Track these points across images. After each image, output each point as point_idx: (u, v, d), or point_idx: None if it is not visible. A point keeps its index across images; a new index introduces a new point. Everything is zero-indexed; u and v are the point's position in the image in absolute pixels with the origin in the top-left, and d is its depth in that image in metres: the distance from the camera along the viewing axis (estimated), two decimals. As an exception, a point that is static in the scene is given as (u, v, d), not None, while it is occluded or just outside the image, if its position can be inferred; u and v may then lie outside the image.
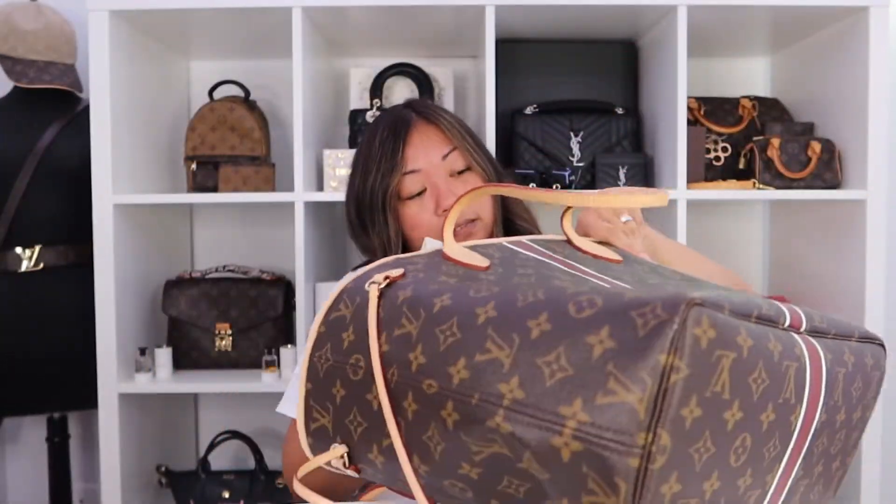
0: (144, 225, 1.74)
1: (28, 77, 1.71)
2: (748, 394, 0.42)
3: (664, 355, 0.39)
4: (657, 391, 0.38)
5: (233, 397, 2.01)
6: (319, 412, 0.57)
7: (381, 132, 1.04)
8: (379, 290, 0.53)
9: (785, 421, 0.46)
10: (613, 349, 0.40)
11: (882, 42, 1.55)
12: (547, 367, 0.42)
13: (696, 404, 0.39)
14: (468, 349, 0.46)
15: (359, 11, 1.59)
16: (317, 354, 0.57)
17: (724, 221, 2.03)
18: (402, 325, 0.51)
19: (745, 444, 0.44)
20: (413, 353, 0.49)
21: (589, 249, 0.65)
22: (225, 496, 1.76)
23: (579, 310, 0.43)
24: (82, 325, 1.68)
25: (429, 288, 0.52)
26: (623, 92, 1.83)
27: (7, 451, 2.10)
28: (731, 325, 0.41)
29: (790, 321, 0.48)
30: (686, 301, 0.39)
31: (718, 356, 0.40)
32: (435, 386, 0.48)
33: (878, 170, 1.57)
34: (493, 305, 0.47)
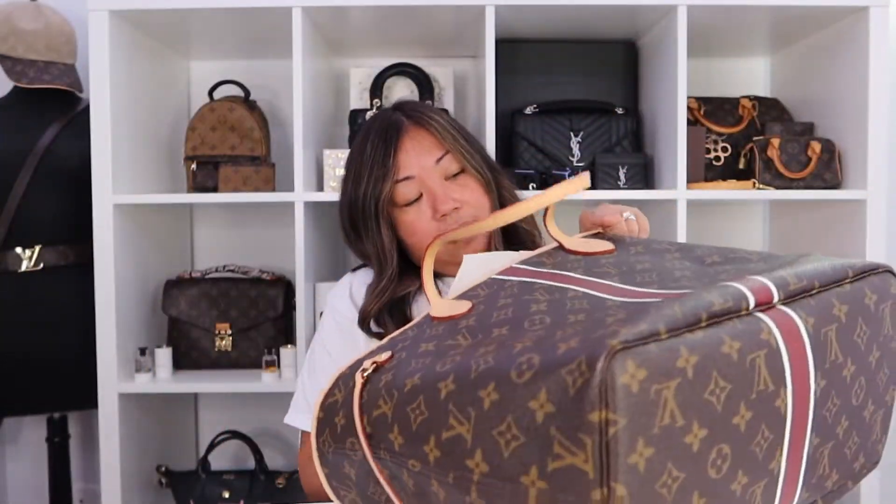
0: (144, 225, 1.74)
1: (28, 77, 1.71)
2: (707, 409, 0.42)
3: (596, 412, 0.38)
4: (599, 448, 0.38)
5: (233, 397, 2.01)
6: (345, 490, 0.60)
7: (372, 138, 1.02)
8: (364, 377, 0.55)
9: (768, 409, 0.45)
10: (552, 413, 0.40)
11: (882, 42, 1.55)
12: (502, 438, 0.43)
13: (645, 445, 0.39)
14: (435, 427, 0.47)
15: (359, 11, 1.59)
16: (321, 440, 0.59)
17: (724, 221, 2.03)
18: (378, 406, 0.52)
19: (722, 454, 0.43)
20: (392, 433, 0.51)
21: (580, 248, 0.66)
22: (225, 496, 1.76)
23: (519, 374, 0.43)
24: (82, 325, 1.68)
25: (406, 369, 0.53)
26: (623, 92, 1.83)
27: (7, 451, 2.10)
28: (667, 353, 0.40)
29: (755, 301, 0.46)
30: (606, 350, 0.39)
31: (657, 391, 0.39)
32: (417, 465, 0.49)
33: (878, 170, 1.57)
34: (453, 378, 0.47)
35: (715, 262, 0.58)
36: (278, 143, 1.91)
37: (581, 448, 0.39)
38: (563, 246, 0.67)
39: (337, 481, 0.60)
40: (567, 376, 0.40)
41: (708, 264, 0.58)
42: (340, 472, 0.58)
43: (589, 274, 0.59)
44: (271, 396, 1.86)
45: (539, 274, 0.61)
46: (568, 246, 0.67)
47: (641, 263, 0.60)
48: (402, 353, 0.56)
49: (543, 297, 0.55)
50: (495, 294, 0.59)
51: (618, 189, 1.65)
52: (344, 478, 0.58)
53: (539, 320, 0.50)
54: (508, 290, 0.59)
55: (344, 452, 0.56)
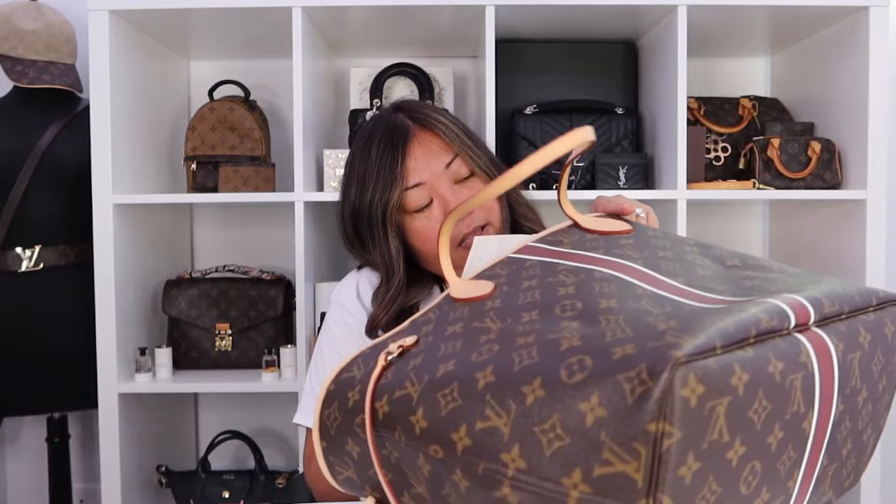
0: (144, 225, 1.74)
1: (28, 77, 1.71)
2: (750, 427, 0.42)
3: (654, 423, 0.38)
4: (652, 459, 0.38)
5: (233, 397, 2.01)
6: (341, 466, 0.58)
7: (377, 143, 0.99)
8: (388, 359, 0.54)
9: (797, 430, 0.46)
10: (605, 417, 0.40)
11: (882, 42, 1.55)
12: (544, 436, 0.42)
13: (694, 459, 0.39)
14: (469, 416, 0.46)
15: (359, 11, 1.59)
16: (326, 412, 0.58)
17: (724, 221, 2.03)
18: (404, 387, 0.51)
19: (754, 471, 0.43)
20: (414, 416, 0.50)
21: (597, 227, 0.64)
22: (225, 496, 1.76)
23: (570, 375, 0.42)
24: (82, 325, 1.68)
25: (436, 353, 0.52)
26: (623, 92, 1.83)
27: (7, 451, 2.10)
28: (724, 370, 0.40)
29: (795, 321, 0.46)
30: (671, 361, 0.38)
31: (712, 406, 0.39)
32: (441, 452, 0.48)
33: (878, 170, 1.57)
34: (492, 370, 0.47)
35: (736, 266, 0.58)
36: (278, 143, 1.91)
37: (634, 457, 0.39)
38: (579, 224, 0.65)
39: (335, 456, 0.58)
40: (625, 383, 0.40)
41: (728, 266, 0.57)
42: (341, 449, 0.57)
43: (610, 254, 0.58)
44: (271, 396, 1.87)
45: (558, 254, 0.60)
46: (583, 224, 0.65)
47: (663, 250, 0.59)
48: (427, 337, 0.55)
49: (569, 278, 0.54)
50: (516, 274, 0.58)
51: (618, 189, 1.65)
52: (344, 454, 0.57)
53: (570, 305, 0.49)
54: (530, 269, 0.58)
55: (351, 429, 0.55)
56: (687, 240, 0.63)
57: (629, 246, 0.60)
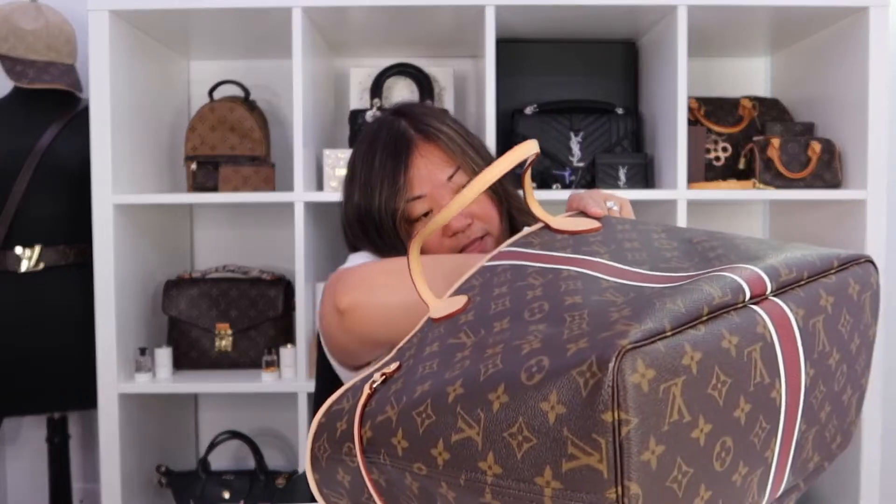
0: (144, 225, 1.74)
1: (28, 77, 1.71)
2: (711, 404, 0.42)
3: (609, 413, 0.39)
4: (613, 448, 0.39)
5: (233, 397, 2.01)
6: (336, 497, 0.60)
7: (381, 152, 1.00)
8: (373, 387, 0.56)
9: (765, 401, 0.46)
10: (564, 414, 0.41)
11: (882, 42, 1.55)
12: (514, 440, 0.43)
13: (657, 443, 0.40)
14: (443, 430, 0.47)
15: (359, 11, 1.59)
16: (316, 445, 0.59)
17: (724, 221, 2.04)
18: (384, 411, 0.53)
19: (725, 447, 0.44)
20: (395, 437, 0.51)
21: (566, 227, 0.66)
22: (225, 496, 1.76)
23: (529, 377, 0.43)
24: (82, 325, 1.68)
25: (414, 375, 0.53)
26: (623, 92, 1.83)
27: (7, 451, 2.10)
28: (673, 351, 0.41)
29: (751, 292, 0.47)
30: (616, 351, 0.39)
31: (665, 388, 0.40)
32: (424, 469, 0.49)
33: (878, 170, 1.57)
34: (461, 382, 0.48)
35: (702, 241, 0.59)
36: (278, 143, 1.91)
37: (595, 448, 0.39)
38: (549, 225, 0.67)
39: (328, 488, 0.60)
40: (578, 377, 0.40)
41: (695, 243, 0.59)
42: (333, 479, 0.58)
43: (578, 252, 0.59)
44: (271, 396, 1.87)
45: (528, 255, 0.61)
46: (554, 225, 0.66)
47: (630, 241, 0.60)
48: (409, 360, 0.57)
49: (537, 280, 0.55)
50: (489, 283, 0.59)
51: (618, 189, 1.65)
52: (336, 484, 0.59)
53: (538, 308, 0.50)
54: (501, 275, 0.59)
55: (339, 458, 0.57)
56: (654, 227, 0.64)
57: (597, 242, 0.61)
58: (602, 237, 0.62)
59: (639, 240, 0.60)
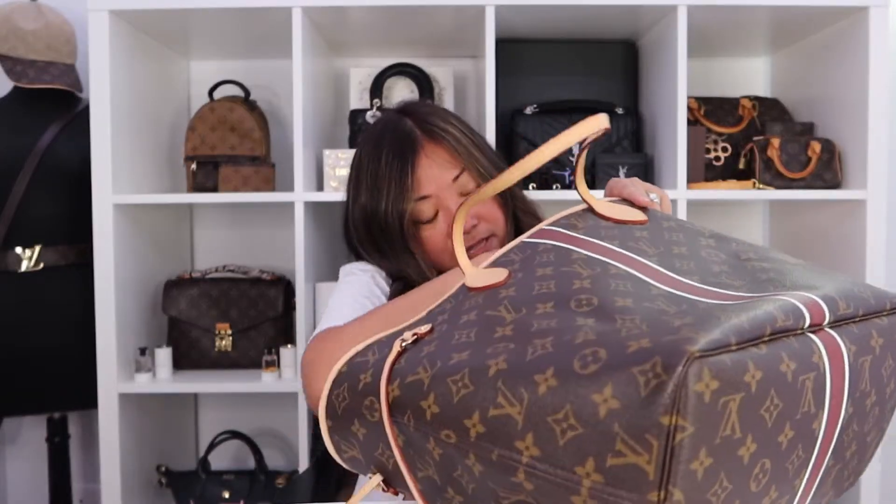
0: (144, 225, 1.74)
1: (28, 77, 1.71)
2: (761, 424, 0.42)
3: (667, 416, 0.38)
4: (664, 452, 0.39)
5: (233, 397, 2.01)
6: (347, 446, 0.59)
7: (386, 152, 0.99)
8: (403, 346, 0.55)
9: (806, 431, 0.46)
10: (618, 409, 0.40)
11: (882, 42, 1.55)
12: (558, 426, 0.42)
13: (707, 455, 0.39)
14: (481, 403, 0.46)
15: (359, 11, 1.59)
16: (334, 392, 0.58)
17: (724, 221, 2.03)
18: (416, 372, 0.52)
19: (764, 469, 0.43)
20: (425, 401, 0.50)
21: (612, 214, 0.64)
22: (225, 496, 1.76)
23: (584, 366, 0.43)
24: (82, 325, 1.68)
25: (449, 341, 0.53)
26: (623, 92, 1.83)
27: (7, 451, 2.10)
28: (738, 366, 0.40)
29: (810, 320, 0.46)
30: (686, 356, 0.39)
31: (725, 402, 0.40)
32: (454, 437, 0.48)
33: (878, 170, 1.57)
34: (504, 358, 0.47)
35: (751, 259, 0.58)
36: (278, 143, 1.91)
37: (646, 449, 0.39)
38: (593, 208, 0.64)
39: (340, 436, 0.59)
40: (639, 376, 0.40)
41: (744, 259, 0.57)
42: (347, 429, 0.58)
43: (626, 247, 0.57)
44: (271, 396, 1.87)
45: (573, 239, 0.59)
46: (598, 209, 0.64)
47: (678, 246, 0.59)
48: (442, 325, 0.55)
49: (584, 270, 0.54)
50: (530, 259, 0.58)
51: (618, 189, 1.65)
52: (349, 434, 0.58)
53: (586, 301, 0.49)
54: (543, 255, 0.58)
55: (359, 410, 0.56)
56: (702, 231, 0.63)
57: (644, 239, 0.59)
58: (649, 234, 0.61)
59: (686, 245, 0.59)
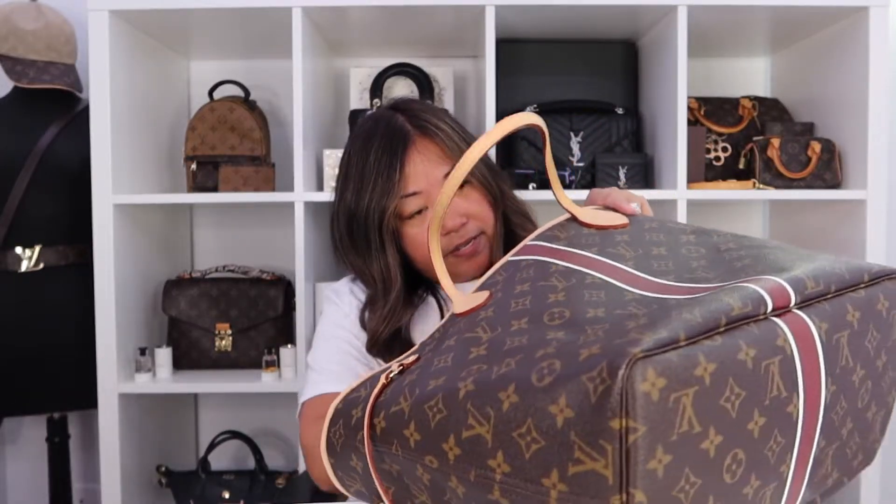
0: (144, 225, 1.74)
1: (28, 77, 1.71)
2: (723, 415, 0.42)
3: (617, 420, 0.39)
4: (619, 455, 0.39)
5: (233, 397, 2.01)
6: (350, 480, 0.61)
7: (378, 147, 0.96)
8: (389, 377, 0.56)
9: (781, 415, 0.46)
10: (572, 418, 0.41)
11: (882, 42, 1.55)
12: (522, 440, 0.43)
13: (664, 452, 0.40)
14: (455, 426, 0.48)
15: (359, 11, 1.59)
16: (332, 430, 0.60)
17: (724, 221, 2.03)
18: (398, 402, 0.53)
19: (737, 459, 0.44)
20: (407, 430, 0.51)
21: (595, 221, 0.64)
22: (225, 496, 1.76)
23: (540, 378, 0.43)
24: (82, 326, 1.68)
25: (429, 368, 0.54)
26: (623, 92, 1.83)
27: (7, 451, 2.10)
28: (686, 362, 0.40)
29: (773, 304, 0.47)
30: (628, 357, 0.39)
31: (676, 398, 0.40)
32: (435, 462, 0.49)
33: (878, 170, 1.57)
34: (472, 380, 0.48)
35: (730, 249, 0.58)
36: (278, 143, 1.91)
37: (601, 454, 0.39)
38: (576, 217, 0.65)
39: (342, 472, 0.60)
40: (588, 383, 0.40)
41: (723, 251, 0.58)
42: (347, 464, 0.59)
43: (604, 254, 0.58)
44: (271, 396, 1.87)
45: (554, 252, 0.60)
46: (581, 218, 0.65)
47: (657, 246, 0.59)
48: (428, 354, 0.57)
49: (560, 283, 0.54)
50: (511, 278, 0.59)
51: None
52: (350, 469, 0.59)
53: (559, 314, 0.50)
54: (524, 271, 0.59)
55: (353, 445, 0.57)
56: (684, 227, 0.63)
57: (623, 243, 0.60)
58: (629, 237, 0.61)
59: (666, 244, 0.60)
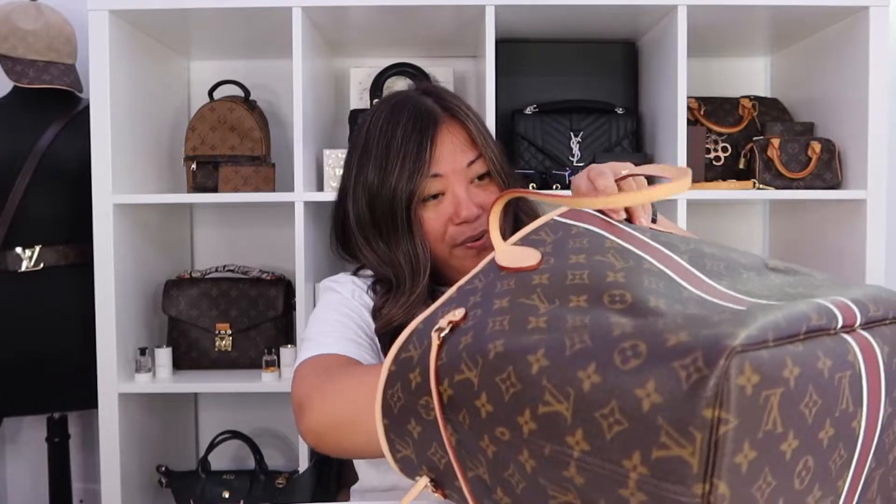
0: (144, 225, 1.74)
1: (28, 77, 1.71)
2: (802, 420, 0.42)
3: (710, 409, 0.39)
4: (708, 444, 0.39)
5: (233, 397, 2.01)
6: (401, 445, 0.59)
7: (406, 125, 0.92)
8: (441, 337, 0.55)
9: (847, 429, 0.46)
10: (661, 403, 0.41)
11: (882, 42, 1.55)
12: (604, 420, 0.43)
13: (750, 448, 0.40)
14: (531, 401, 0.47)
15: (359, 11, 1.59)
16: (389, 392, 0.59)
17: (724, 221, 2.03)
18: (461, 371, 0.52)
19: (807, 466, 0.44)
20: (479, 400, 0.50)
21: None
22: (225, 496, 1.75)
23: (624, 360, 0.43)
24: (82, 325, 1.68)
25: (485, 331, 0.53)
26: (623, 92, 1.83)
27: (7, 451, 2.10)
28: (777, 361, 0.41)
29: (843, 321, 0.47)
30: (727, 351, 0.39)
31: (766, 396, 0.40)
32: (507, 434, 0.49)
33: (878, 170, 1.57)
34: (544, 353, 0.47)
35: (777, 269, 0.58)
36: (278, 143, 1.91)
37: (690, 441, 0.39)
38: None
39: (395, 434, 0.59)
40: (680, 370, 0.40)
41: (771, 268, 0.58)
42: (403, 427, 0.58)
43: (657, 240, 0.57)
44: (271, 396, 1.87)
45: (609, 226, 0.59)
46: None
47: (708, 245, 0.59)
48: (475, 310, 0.55)
49: (618, 262, 0.54)
50: (563, 243, 0.57)
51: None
52: (404, 434, 0.58)
53: (619, 297, 0.49)
54: (577, 240, 0.57)
55: (415, 409, 0.56)
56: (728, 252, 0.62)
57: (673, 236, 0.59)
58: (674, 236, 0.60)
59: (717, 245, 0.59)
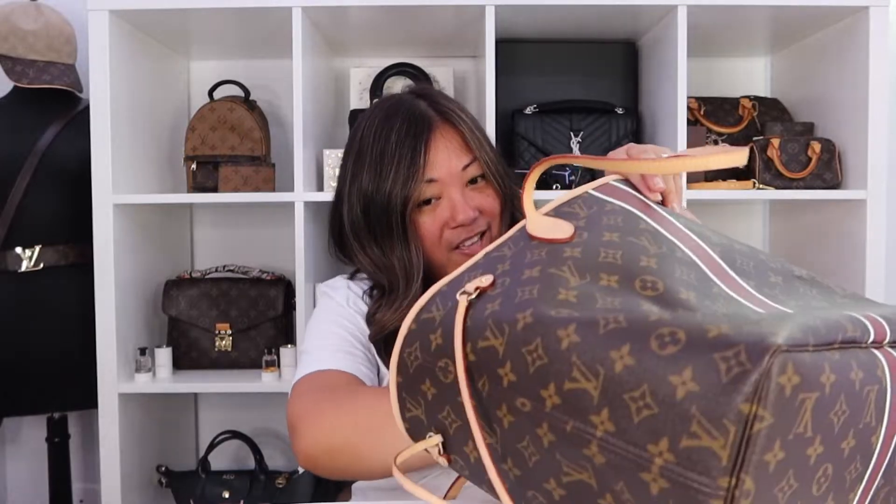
0: (144, 225, 1.74)
1: (28, 77, 1.71)
2: (829, 428, 0.43)
3: (748, 404, 0.39)
4: (740, 439, 0.39)
5: (233, 397, 2.01)
6: (412, 404, 0.59)
7: (399, 129, 0.93)
8: (468, 301, 0.54)
9: (865, 443, 0.46)
10: (696, 392, 0.40)
11: (882, 42, 1.55)
12: (633, 403, 0.43)
13: (780, 448, 0.40)
14: (557, 375, 0.47)
15: (359, 11, 1.59)
16: (406, 351, 0.58)
17: (724, 221, 2.03)
18: (486, 338, 0.52)
19: (826, 474, 0.44)
20: (503, 368, 0.50)
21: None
22: (225, 496, 1.76)
23: (662, 345, 0.43)
24: (82, 325, 1.68)
25: (513, 300, 0.52)
26: (623, 92, 1.83)
27: (7, 451, 2.10)
28: (817, 365, 0.41)
29: (874, 336, 0.47)
30: (773, 348, 0.39)
31: (802, 399, 0.40)
32: (528, 405, 0.48)
33: (878, 170, 1.57)
34: (575, 329, 0.47)
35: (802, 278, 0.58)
36: (278, 143, 1.91)
37: (722, 434, 0.39)
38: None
39: (408, 393, 0.59)
40: (721, 362, 0.40)
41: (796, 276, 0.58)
42: (416, 387, 0.57)
43: (691, 229, 0.57)
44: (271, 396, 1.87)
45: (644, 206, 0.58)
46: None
47: (738, 243, 0.59)
48: (503, 278, 0.55)
49: (652, 246, 0.53)
50: (597, 219, 0.57)
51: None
52: (417, 393, 0.58)
53: (651, 284, 0.49)
54: (611, 216, 0.57)
55: (432, 370, 0.56)
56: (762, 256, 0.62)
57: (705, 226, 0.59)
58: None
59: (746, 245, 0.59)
